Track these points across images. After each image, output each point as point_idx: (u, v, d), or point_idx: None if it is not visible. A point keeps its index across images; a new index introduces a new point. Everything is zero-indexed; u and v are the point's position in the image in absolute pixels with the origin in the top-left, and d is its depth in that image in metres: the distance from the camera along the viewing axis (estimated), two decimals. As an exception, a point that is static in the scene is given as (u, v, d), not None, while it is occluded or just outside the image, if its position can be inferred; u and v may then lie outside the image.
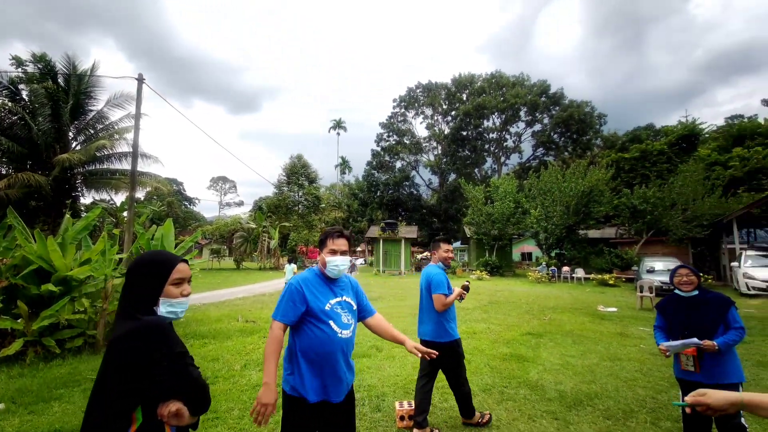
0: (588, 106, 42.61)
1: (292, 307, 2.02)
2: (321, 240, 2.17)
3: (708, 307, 2.71)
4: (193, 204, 67.01)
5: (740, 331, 2.59)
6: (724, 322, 2.64)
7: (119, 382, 1.21)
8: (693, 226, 20.04)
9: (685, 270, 2.81)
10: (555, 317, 9.10)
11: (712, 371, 2.60)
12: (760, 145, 25.42)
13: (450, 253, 3.61)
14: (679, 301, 2.83)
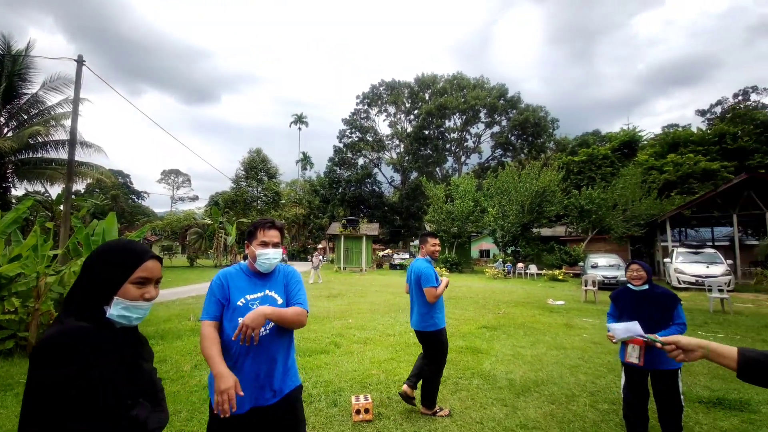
0: (542, 111, 44.82)
1: (213, 302, 1.84)
2: (250, 231, 1.98)
3: (656, 302, 2.91)
4: (141, 198, 62.90)
5: (682, 327, 2.83)
6: (669, 316, 2.86)
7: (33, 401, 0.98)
8: (632, 225, 21.73)
9: (636, 266, 3.02)
10: (509, 311, 9.52)
11: (653, 359, 2.80)
12: (692, 152, 27.97)
13: (437, 247, 3.76)
14: (631, 294, 3.04)
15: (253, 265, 1.95)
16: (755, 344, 6.15)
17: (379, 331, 7.08)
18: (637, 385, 2.97)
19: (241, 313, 1.81)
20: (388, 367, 4.91)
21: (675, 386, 2.87)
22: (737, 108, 33.75)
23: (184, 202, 76.48)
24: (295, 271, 2.09)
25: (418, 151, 46.77)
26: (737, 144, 27.83)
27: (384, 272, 26.74)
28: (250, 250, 1.95)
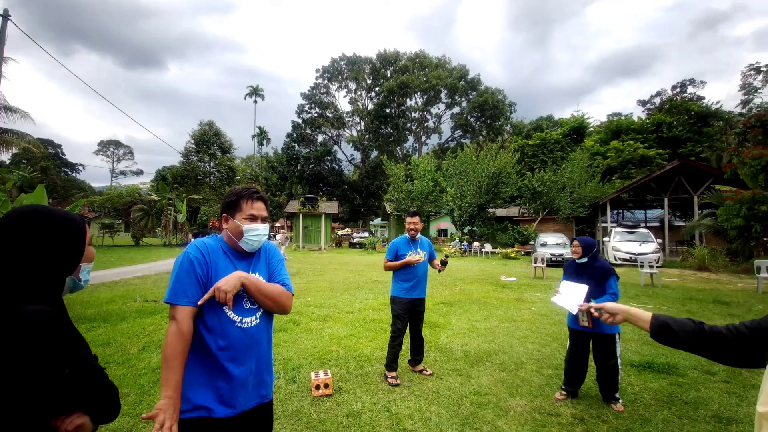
0: (501, 94, 45.85)
1: (194, 282, 1.45)
2: (231, 202, 1.61)
3: (593, 273, 3.34)
4: (76, 171, 57.52)
5: (613, 297, 3.21)
6: (603, 287, 3.28)
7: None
8: (577, 206, 23.20)
9: (575, 242, 3.52)
10: (464, 287, 9.90)
11: (596, 323, 3.26)
12: (632, 139, 30.08)
13: (410, 225, 4.04)
14: (574, 266, 3.53)
15: (235, 243, 1.60)
16: (680, 314, 6.87)
17: (339, 308, 7.09)
18: (579, 346, 3.46)
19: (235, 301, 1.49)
20: (348, 344, 4.95)
21: (612, 348, 3.31)
22: (674, 99, 36.51)
23: (126, 176, 71.00)
24: (275, 247, 1.81)
25: (379, 130, 46.40)
26: (672, 133, 30.27)
27: (343, 251, 26.73)
28: (232, 225, 1.59)
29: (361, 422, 2.97)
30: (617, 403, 3.26)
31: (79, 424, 1.00)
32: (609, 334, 3.30)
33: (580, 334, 3.43)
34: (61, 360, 0.95)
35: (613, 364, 3.27)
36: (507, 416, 3.10)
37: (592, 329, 3.31)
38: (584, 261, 3.43)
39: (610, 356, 3.29)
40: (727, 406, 3.28)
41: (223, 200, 1.68)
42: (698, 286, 10.50)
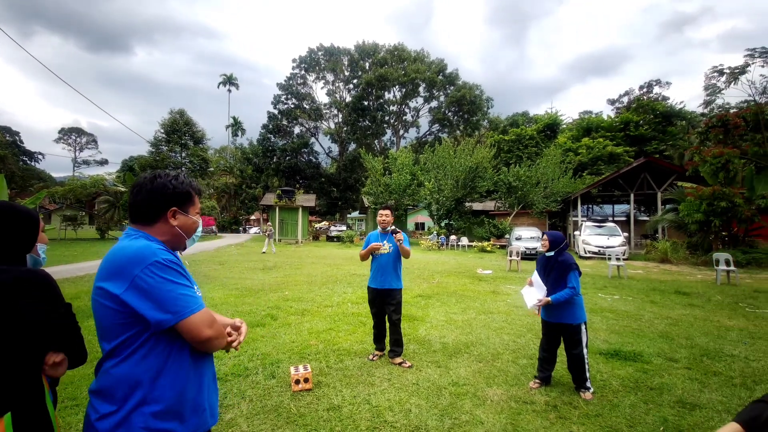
0: (478, 89, 46.37)
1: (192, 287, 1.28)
2: (186, 194, 1.38)
3: (556, 266, 3.53)
4: (35, 160, 54.14)
5: (571, 291, 3.40)
6: (564, 281, 3.47)
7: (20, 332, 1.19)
8: (550, 201, 23.91)
9: (545, 236, 3.70)
10: (442, 280, 10.03)
11: (557, 315, 3.51)
12: (602, 136, 31.21)
13: (381, 217, 4.25)
14: (543, 259, 3.71)
15: (178, 243, 1.40)
16: (644, 304, 7.23)
17: (317, 302, 7.04)
18: (549, 335, 3.65)
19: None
20: (327, 338, 4.92)
21: (578, 338, 3.46)
22: (641, 99, 38.07)
23: (89, 166, 67.49)
24: None
25: (357, 122, 46.05)
26: (638, 131, 31.61)
27: (321, 244, 26.51)
28: (184, 221, 1.37)
29: (341, 416, 2.97)
30: (587, 392, 3.38)
31: (59, 361, 1.28)
32: (575, 324, 3.46)
33: (549, 324, 3.60)
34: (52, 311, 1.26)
35: (579, 353, 3.42)
36: (485, 405, 3.17)
37: (558, 321, 3.51)
38: (551, 255, 3.60)
39: (575, 345, 3.45)
40: (690, 391, 3.47)
41: (168, 190, 1.34)
42: (661, 277, 11.06)
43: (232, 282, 9.07)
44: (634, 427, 2.85)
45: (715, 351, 4.57)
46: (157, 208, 1.33)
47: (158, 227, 1.34)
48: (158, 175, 1.38)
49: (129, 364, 1.17)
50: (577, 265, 3.54)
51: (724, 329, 5.55)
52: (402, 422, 2.89)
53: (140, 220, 1.34)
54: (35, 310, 1.21)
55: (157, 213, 1.33)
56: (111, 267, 1.21)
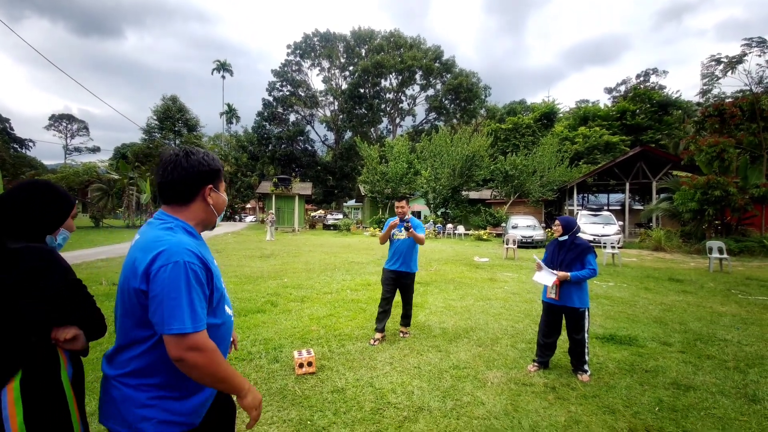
0: (475, 77, 45.98)
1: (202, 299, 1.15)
2: (216, 170, 1.32)
3: (572, 249, 3.58)
4: (26, 147, 53.14)
5: (592, 271, 3.47)
6: (581, 262, 3.51)
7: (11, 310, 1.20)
8: (546, 190, 24.00)
9: (557, 221, 3.75)
10: (440, 268, 10.11)
11: (565, 297, 3.52)
12: (598, 125, 31.16)
13: (398, 208, 4.47)
14: (555, 243, 3.76)
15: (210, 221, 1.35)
16: (638, 291, 7.35)
17: (316, 289, 7.08)
18: (551, 319, 3.66)
19: (226, 300, 1.35)
20: (328, 323, 4.97)
21: (582, 323, 3.51)
22: (638, 88, 37.96)
23: (81, 153, 66.35)
24: None
25: (353, 110, 45.60)
26: (635, 120, 31.61)
27: (317, 232, 26.52)
28: (218, 198, 1.33)
29: (346, 397, 3.03)
30: (584, 374, 3.46)
31: (75, 334, 1.29)
32: (580, 309, 3.50)
33: (554, 307, 3.61)
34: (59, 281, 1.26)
35: (581, 338, 3.48)
36: (485, 387, 3.25)
37: (564, 303, 3.52)
38: (565, 239, 3.63)
39: (579, 330, 3.51)
40: (684, 374, 3.57)
41: (204, 167, 1.27)
42: (654, 265, 11.22)
43: (231, 270, 9.08)
44: (630, 408, 2.94)
45: (709, 336, 4.68)
46: (194, 186, 1.27)
47: (193, 207, 1.29)
48: (191, 151, 1.28)
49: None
50: (593, 248, 3.60)
51: (717, 315, 5.67)
52: (405, 403, 2.95)
53: (175, 200, 1.27)
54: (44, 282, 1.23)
55: (193, 191, 1.27)
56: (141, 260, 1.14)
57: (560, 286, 3.51)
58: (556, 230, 3.71)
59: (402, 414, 2.80)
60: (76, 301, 1.31)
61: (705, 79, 17.47)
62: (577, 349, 3.51)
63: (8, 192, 1.36)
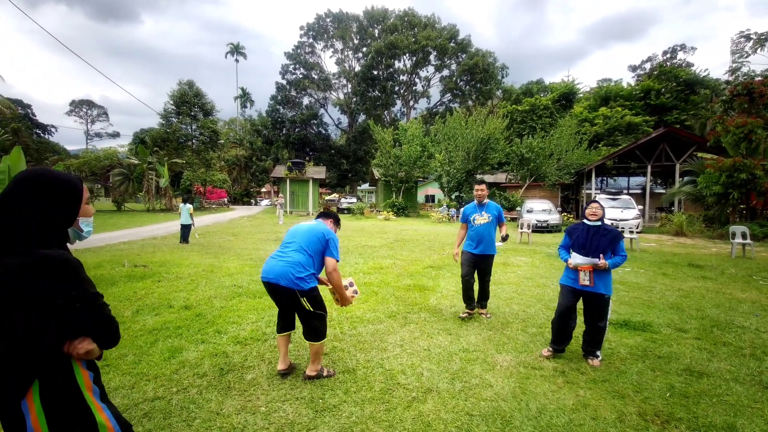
0: (491, 57, 44.71)
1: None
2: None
3: (605, 235, 3.45)
4: (48, 133, 54.61)
5: (624, 257, 3.46)
6: (612, 249, 3.45)
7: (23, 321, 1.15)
8: (564, 173, 23.47)
9: (596, 205, 3.55)
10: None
11: (598, 284, 3.43)
12: (620, 106, 30.03)
13: (478, 192, 4.58)
14: (584, 228, 3.56)
15: None
16: (656, 276, 7.22)
17: (330, 272, 7.18)
18: (570, 303, 3.54)
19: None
20: (339, 306, 5.05)
21: (605, 310, 3.46)
22: (664, 66, 36.30)
23: (102, 138, 68.11)
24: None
25: (366, 93, 45.13)
26: (659, 100, 30.35)
27: (331, 216, 26.69)
28: None
29: (356, 378, 3.11)
30: (596, 359, 3.44)
31: (90, 349, 1.25)
32: (606, 295, 3.43)
33: (575, 292, 3.52)
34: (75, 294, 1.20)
35: (603, 325, 3.45)
36: (494, 370, 3.28)
37: (592, 288, 3.43)
38: (599, 224, 3.49)
39: (601, 317, 3.45)
40: (698, 360, 3.53)
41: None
42: (674, 250, 10.96)
43: (246, 253, 9.28)
44: (641, 393, 2.93)
45: (726, 322, 4.59)
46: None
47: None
48: None
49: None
50: (623, 234, 3.57)
51: (736, 301, 5.54)
52: (414, 384, 3.02)
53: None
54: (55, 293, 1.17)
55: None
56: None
57: (593, 272, 3.40)
58: (594, 214, 3.52)
59: (411, 395, 2.87)
60: (90, 314, 1.25)
61: (734, 56, 16.54)
62: (596, 336, 3.48)
63: (9, 189, 1.22)
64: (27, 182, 1.22)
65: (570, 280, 3.57)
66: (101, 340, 1.29)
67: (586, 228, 3.55)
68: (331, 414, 2.61)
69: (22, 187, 1.21)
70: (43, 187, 1.24)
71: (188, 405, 2.69)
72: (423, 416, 2.59)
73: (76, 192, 1.32)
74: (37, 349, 1.18)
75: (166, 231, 14.38)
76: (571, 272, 3.55)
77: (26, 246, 1.17)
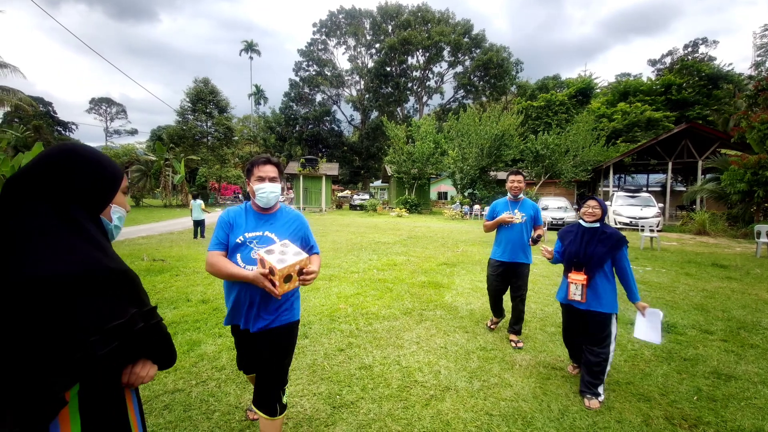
0: (506, 52, 44.00)
1: (222, 236, 1.97)
2: (247, 169, 2.06)
3: (603, 239, 2.81)
4: (69, 130, 55.95)
5: (630, 271, 2.84)
6: (613, 257, 2.79)
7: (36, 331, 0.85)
8: (580, 170, 23.01)
9: (594, 202, 2.88)
10: (466, 249, 10.02)
11: (590, 299, 2.81)
12: (640, 101, 29.26)
13: (513, 183, 3.78)
14: (579, 230, 2.94)
15: (256, 203, 2.04)
16: (679, 276, 7.01)
17: (343, 268, 7.20)
18: (573, 324, 3.00)
19: (238, 249, 1.94)
20: (355, 302, 5.06)
21: (606, 332, 2.79)
22: (685, 60, 35.21)
23: (120, 135, 69.49)
24: (299, 215, 2.24)
25: (379, 89, 44.97)
26: (681, 95, 29.46)
27: (344, 212, 26.80)
28: (249, 188, 2.04)
29: (373, 374, 3.09)
30: (594, 398, 2.70)
31: (153, 374, 1.11)
32: (604, 312, 2.79)
33: (573, 310, 2.92)
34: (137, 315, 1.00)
35: (603, 351, 2.74)
36: (513, 369, 3.23)
37: (587, 307, 2.82)
38: (596, 226, 2.88)
39: (600, 341, 2.77)
40: (725, 363, 3.40)
41: (245, 167, 2.09)
42: (697, 249, 10.64)
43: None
44: (667, 396, 2.84)
45: (753, 324, 4.43)
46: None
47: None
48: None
49: None
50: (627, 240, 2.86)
51: (763, 303, 5.34)
52: (432, 382, 2.99)
53: None
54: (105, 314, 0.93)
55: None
56: None
57: (587, 285, 2.81)
58: (591, 213, 2.87)
59: (429, 392, 2.84)
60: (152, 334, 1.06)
61: (758, 50, 15.91)
62: (594, 367, 2.72)
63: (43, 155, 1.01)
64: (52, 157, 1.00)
65: (561, 294, 3.02)
66: (162, 361, 1.14)
67: (580, 231, 2.93)
68: (349, 410, 2.60)
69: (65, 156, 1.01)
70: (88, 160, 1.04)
71: (207, 398, 2.71)
72: (442, 415, 2.56)
73: (119, 175, 1.11)
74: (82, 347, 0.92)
75: (183, 226, 14.62)
76: (566, 284, 2.94)
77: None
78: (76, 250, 0.92)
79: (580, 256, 2.85)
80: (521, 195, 3.85)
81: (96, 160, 1.06)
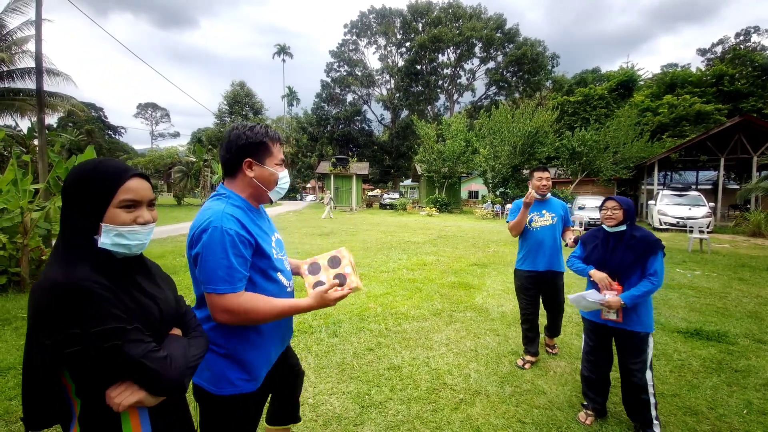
0: (540, 46, 42.60)
1: (243, 263, 1.26)
2: (260, 144, 1.38)
3: (632, 245, 2.37)
4: (118, 134, 59.77)
5: (653, 284, 2.27)
6: (643, 266, 2.34)
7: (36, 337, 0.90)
8: (621, 168, 21.89)
9: (612, 203, 2.45)
10: (498, 249, 9.80)
11: (625, 318, 2.36)
12: (688, 93, 27.39)
13: (542, 181, 3.27)
14: (604, 235, 2.54)
15: (260, 196, 1.43)
16: (731, 281, 6.51)
17: (374, 267, 7.24)
18: (599, 344, 2.51)
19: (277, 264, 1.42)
20: (384, 302, 5.07)
21: (643, 356, 2.33)
22: (737, 49, 32.65)
23: (164, 138, 73.67)
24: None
25: (409, 88, 44.82)
26: (734, 87, 27.33)
27: (374, 211, 26.95)
28: (261, 172, 1.38)
29: (402, 375, 3.09)
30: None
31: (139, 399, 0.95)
32: (641, 333, 2.33)
33: (601, 328, 2.47)
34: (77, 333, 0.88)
35: (640, 378, 2.29)
36: (546, 376, 3.12)
37: (615, 325, 2.39)
38: (622, 229, 2.43)
39: (637, 366, 2.31)
40: (784, 376, 3.14)
41: (241, 141, 1.35)
42: (751, 252, 9.85)
43: (293, 246, 9.59)
44: (715, 409, 2.65)
45: (820, 336, 4.04)
46: (235, 161, 1.37)
47: (239, 180, 1.39)
48: (235, 126, 1.42)
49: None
50: (663, 244, 2.37)
51: (832, 312, 4.86)
52: (461, 386, 2.94)
53: (226, 174, 1.41)
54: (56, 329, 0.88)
55: (235, 165, 1.38)
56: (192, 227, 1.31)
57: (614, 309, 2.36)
58: (611, 216, 2.43)
59: (458, 396, 2.80)
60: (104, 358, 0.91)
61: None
62: (636, 397, 2.32)
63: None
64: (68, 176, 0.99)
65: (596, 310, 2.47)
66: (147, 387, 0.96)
67: (605, 235, 2.51)
68: (378, 410, 2.61)
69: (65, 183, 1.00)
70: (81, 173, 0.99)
71: None
72: (471, 419, 2.52)
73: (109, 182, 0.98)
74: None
75: (220, 225, 15.23)
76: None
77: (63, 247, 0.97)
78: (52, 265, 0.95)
79: (607, 265, 2.44)
80: (548, 195, 3.39)
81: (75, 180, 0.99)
